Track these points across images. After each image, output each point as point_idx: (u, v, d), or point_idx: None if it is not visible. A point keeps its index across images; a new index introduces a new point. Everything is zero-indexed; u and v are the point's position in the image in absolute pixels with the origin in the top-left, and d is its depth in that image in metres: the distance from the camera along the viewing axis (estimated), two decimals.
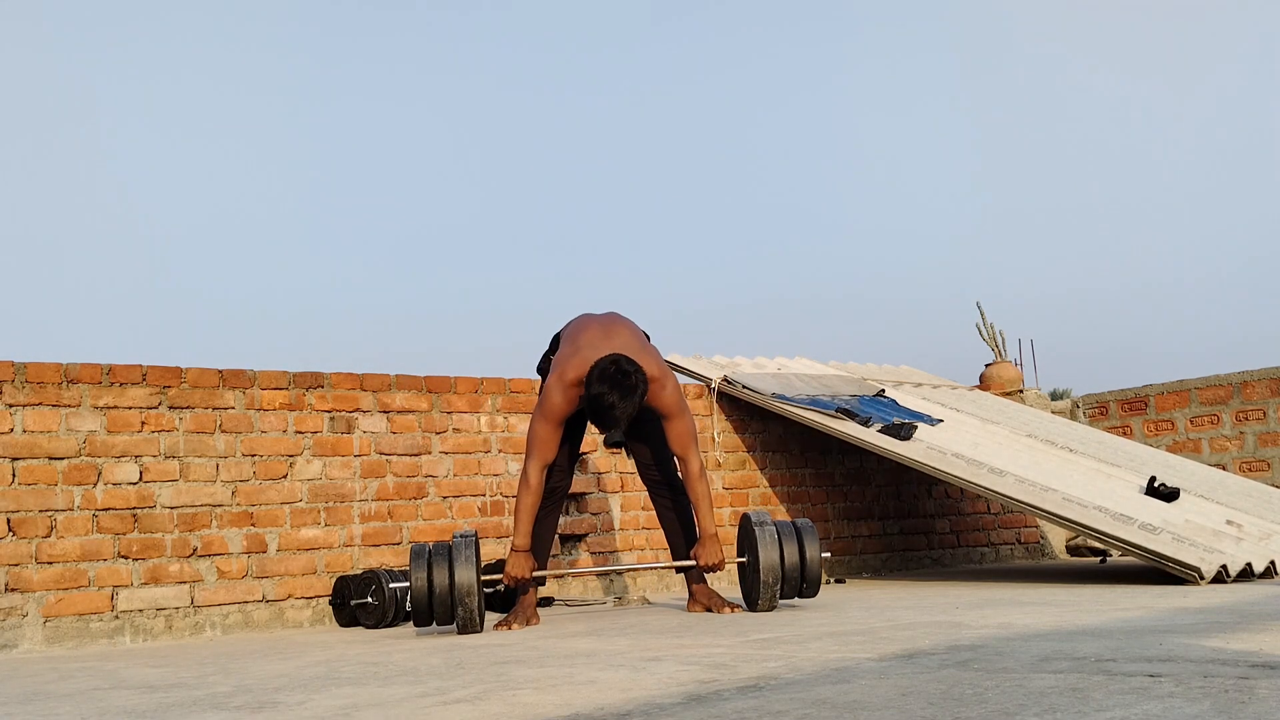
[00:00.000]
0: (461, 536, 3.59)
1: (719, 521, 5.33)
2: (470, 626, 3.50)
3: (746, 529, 3.80)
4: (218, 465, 4.16)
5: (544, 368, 3.96)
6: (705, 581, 3.89)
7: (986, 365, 7.24)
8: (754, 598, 3.72)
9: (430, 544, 3.61)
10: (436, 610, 3.50)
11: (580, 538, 4.97)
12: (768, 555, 3.66)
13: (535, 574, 3.74)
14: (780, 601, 3.77)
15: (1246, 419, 6.35)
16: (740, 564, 3.85)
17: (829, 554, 3.92)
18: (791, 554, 3.71)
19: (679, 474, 3.89)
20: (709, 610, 3.79)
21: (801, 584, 3.75)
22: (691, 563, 3.78)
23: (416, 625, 3.59)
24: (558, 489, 3.90)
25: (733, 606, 3.77)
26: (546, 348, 3.97)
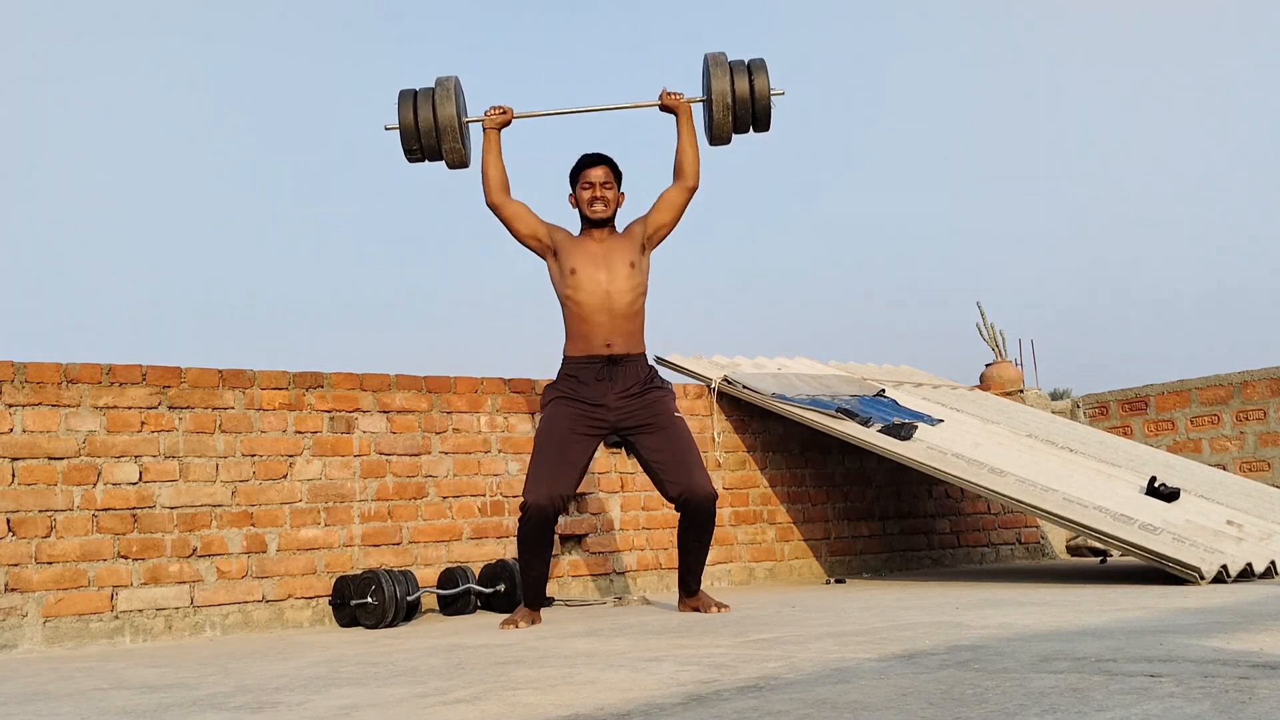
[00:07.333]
0: (443, 78, 3.92)
1: (719, 522, 5.33)
2: (457, 160, 3.90)
3: (704, 69, 4.04)
4: (217, 465, 4.16)
5: None
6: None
7: (986, 365, 7.25)
8: (710, 132, 4.03)
9: (416, 88, 3.95)
10: (425, 146, 3.87)
11: (580, 538, 4.97)
12: (719, 85, 3.95)
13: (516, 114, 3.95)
14: (735, 137, 4.02)
15: (1247, 419, 6.35)
16: (700, 103, 4.06)
17: (783, 91, 4.03)
18: (742, 86, 3.96)
19: (698, 482, 3.69)
20: (697, 610, 3.83)
21: (752, 117, 3.98)
22: (655, 103, 3.99)
23: (409, 160, 3.92)
24: (555, 506, 3.66)
25: (719, 606, 3.82)
26: None
